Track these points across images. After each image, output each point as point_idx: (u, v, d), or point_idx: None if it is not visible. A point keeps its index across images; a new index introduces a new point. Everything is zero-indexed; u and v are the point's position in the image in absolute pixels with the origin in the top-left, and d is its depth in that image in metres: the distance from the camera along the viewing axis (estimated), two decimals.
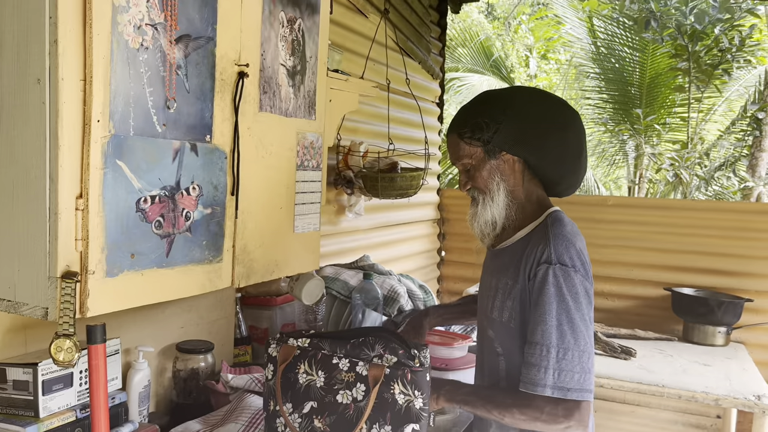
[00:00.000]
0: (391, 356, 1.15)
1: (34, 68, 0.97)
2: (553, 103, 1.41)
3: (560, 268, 1.28)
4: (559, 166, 1.40)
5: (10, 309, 1.04)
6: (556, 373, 1.23)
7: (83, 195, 1.00)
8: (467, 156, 1.41)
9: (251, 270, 1.38)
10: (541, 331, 1.26)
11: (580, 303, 1.27)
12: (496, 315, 1.40)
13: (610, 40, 8.18)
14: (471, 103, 1.45)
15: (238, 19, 1.27)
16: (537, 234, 1.36)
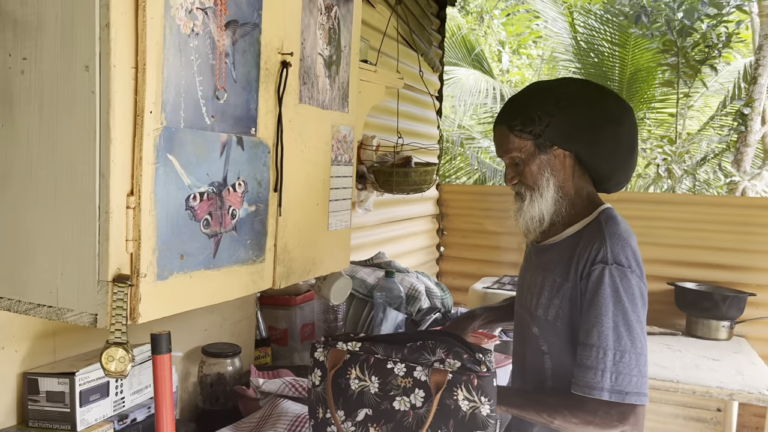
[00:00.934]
0: (455, 361, 1.10)
1: (82, 54, 0.89)
2: (607, 97, 1.36)
3: (617, 268, 1.24)
4: (611, 162, 1.36)
5: (51, 315, 0.96)
6: (613, 376, 1.19)
7: (134, 192, 0.93)
8: (516, 149, 1.36)
9: (290, 270, 1.32)
10: (597, 332, 1.22)
11: (636, 304, 1.23)
12: (541, 312, 1.35)
13: (590, 35, 8.23)
14: (522, 95, 1.40)
15: (281, 4, 1.20)
16: (590, 231, 1.32)
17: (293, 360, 1.90)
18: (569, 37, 8.60)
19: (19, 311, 0.98)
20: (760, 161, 6.27)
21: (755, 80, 5.64)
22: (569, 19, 8.61)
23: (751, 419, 3.27)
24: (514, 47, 11.97)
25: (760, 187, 5.80)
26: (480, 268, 3.68)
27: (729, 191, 5.82)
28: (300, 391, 1.45)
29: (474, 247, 3.76)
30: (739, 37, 5.77)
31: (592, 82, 1.41)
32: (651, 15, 5.04)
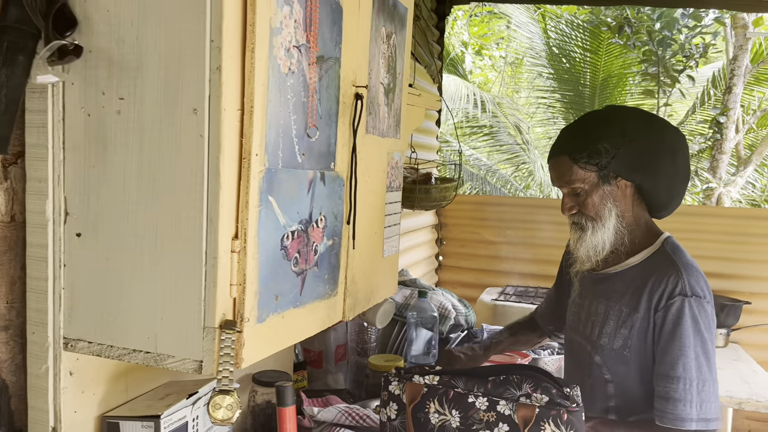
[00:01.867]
0: (542, 395, 1.11)
1: (189, 96, 0.87)
2: (664, 127, 1.39)
3: (695, 300, 1.27)
4: (670, 190, 1.39)
5: (149, 361, 0.94)
6: (698, 405, 1.23)
7: (239, 236, 0.91)
8: (580, 180, 1.37)
9: (356, 300, 1.31)
10: (682, 365, 1.25)
11: (711, 333, 1.28)
12: (605, 342, 1.37)
13: (562, 40, 8.39)
14: (582, 126, 1.41)
15: (356, 37, 1.19)
16: (659, 262, 1.35)
17: (327, 382, 1.88)
18: (542, 42, 8.74)
19: (111, 356, 0.96)
20: (734, 168, 6.48)
21: (730, 90, 5.83)
22: (542, 24, 8.75)
23: (744, 422, 3.39)
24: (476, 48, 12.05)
25: (734, 193, 5.99)
26: (478, 278, 3.72)
27: (705, 197, 6.00)
28: (357, 420, 1.44)
29: (472, 257, 3.79)
30: (715, 48, 5.95)
31: (647, 112, 1.44)
32: (634, 26, 5.16)
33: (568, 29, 8.30)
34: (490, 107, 8.29)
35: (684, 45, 5.42)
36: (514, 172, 8.98)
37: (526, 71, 9.95)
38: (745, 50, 5.77)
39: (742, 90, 5.97)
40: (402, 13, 1.43)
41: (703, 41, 5.49)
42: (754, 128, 7.12)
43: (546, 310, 1.76)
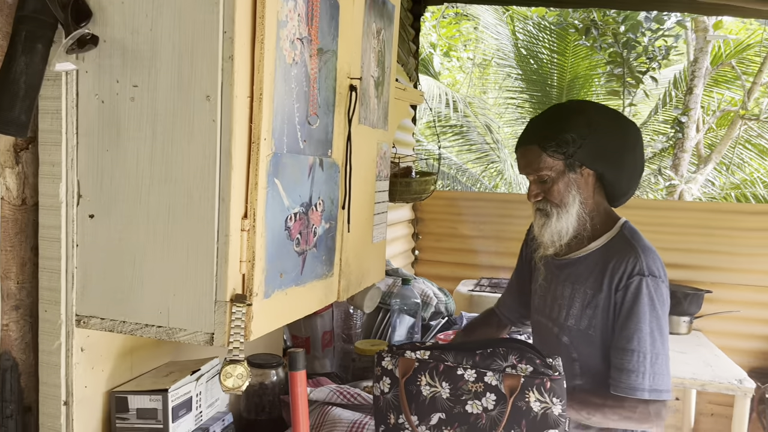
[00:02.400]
0: (527, 366, 1.19)
1: (202, 84, 0.93)
2: (626, 122, 1.49)
3: (652, 279, 1.37)
4: (629, 180, 1.49)
5: (161, 335, 0.99)
6: (651, 377, 1.32)
7: (248, 215, 0.97)
8: (547, 168, 1.45)
9: (350, 282, 1.38)
10: (637, 339, 1.34)
11: (665, 311, 1.37)
12: (572, 323, 1.46)
13: (530, 41, 8.58)
14: (551, 117, 1.50)
15: (350, 31, 1.26)
16: (619, 245, 1.44)
17: (314, 367, 1.94)
18: (510, 43, 8.91)
19: (124, 331, 1.01)
20: (695, 166, 6.72)
21: (691, 90, 6.05)
22: (510, 26, 8.92)
23: (707, 406, 3.55)
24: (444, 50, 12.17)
25: (695, 190, 6.22)
26: (454, 271, 3.81)
27: (668, 194, 6.22)
28: (348, 398, 1.50)
29: (448, 251, 3.88)
30: (677, 50, 6.17)
31: (611, 108, 1.54)
32: (600, 28, 5.33)
33: (536, 31, 8.48)
34: (461, 107, 8.42)
35: (647, 47, 5.61)
36: (484, 171, 9.13)
37: (495, 72, 10.12)
38: (705, 53, 6.00)
39: (702, 91, 6.20)
40: (390, 10, 1.51)
41: (666, 44, 5.69)
42: (714, 128, 7.39)
43: (509, 300, 1.83)
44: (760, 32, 7.07)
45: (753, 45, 7.01)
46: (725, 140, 6.60)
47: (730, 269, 3.46)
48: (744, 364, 3.30)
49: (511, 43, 8.89)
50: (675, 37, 5.72)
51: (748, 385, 2.52)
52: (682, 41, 6.38)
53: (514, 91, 9.33)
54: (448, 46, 11.73)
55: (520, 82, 9.03)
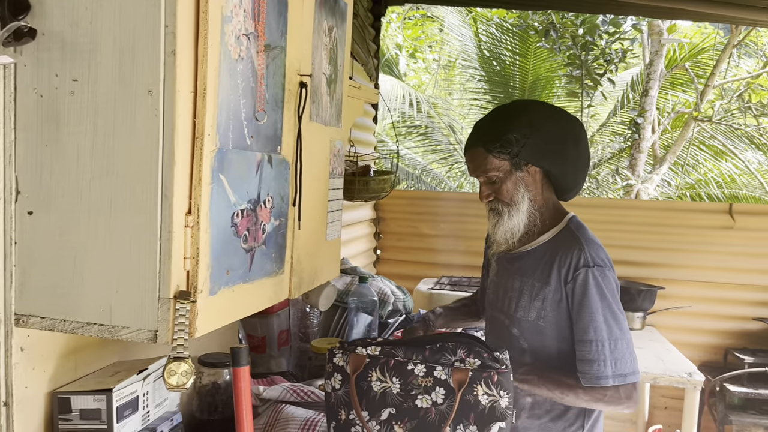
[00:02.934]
0: (475, 359, 1.21)
1: (144, 78, 0.92)
2: (567, 117, 1.53)
3: (597, 269, 1.41)
4: (575, 174, 1.53)
5: (103, 333, 0.97)
6: (612, 363, 1.36)
7: (192, 211, 0.96)
8: (494, 169, 1.49)
9: (301, 280, 1.38)
10: (593, 329, 1.38)
11: (615, 297, 1.42)
12: (521, 314, 1.49)
13: (493, 44, 8.69)
14: (493, 118, 1.53)
15: (299, 28, 1.26)
16: (565, 239, 1.48)
17: (270, 367, 1.93)
18: (473, 45, 9.01)
19: (64, 330, 0.99)
20: (651, 167, 6.89)
21: (646, 93, 6.20)
22: (474, 27, 9.02)
23: (660, 399, 3.64)
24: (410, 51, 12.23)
25: (651, 189, 6.38)
26: (415, 270, 3.83)
27: (625, 193, 6.36)
28: (302, 396, 1.50)
29: (409, 250, 3.91)
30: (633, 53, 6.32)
31: (552, 105, 1.58)
32: (559, 30, 5.43)
33: (498, 33, 8.60)
34: (425, 108, 8.48)
35: (605, 50, 5.73)
36: (448, 172, 9.21)
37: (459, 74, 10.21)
38: (660, 56, 6.16)
39: (657, 93, 6.36)
40: (342, 8, 1.51)
41: (622, 47, 5.82)
42: (669, 129, 7.59)
43: (481, 296, 1.88)
44: (713, 36, 7.30)
45: (706, 48, 7.23)
46: (679, 141, 6.79)
47: (682, 266, 3.56)
48: (694, 358, 3.40)
49: (474, 44, 8.99)
50: (631, 40, 5.87)
51: (697, 378, 2.60)
52: (638, 44, 6.53)
53: (477, 92, 9.43)
54: (413, 47, 11.79)
55: (484, 84, 9.14)
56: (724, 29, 6.95)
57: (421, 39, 11.54)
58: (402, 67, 11.50)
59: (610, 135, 8.31)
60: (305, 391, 1.51)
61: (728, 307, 3.51)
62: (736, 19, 3.75)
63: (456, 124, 9.33)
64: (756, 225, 3.48)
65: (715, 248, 3.52)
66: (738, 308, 3.50)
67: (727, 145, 7.47)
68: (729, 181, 7.78)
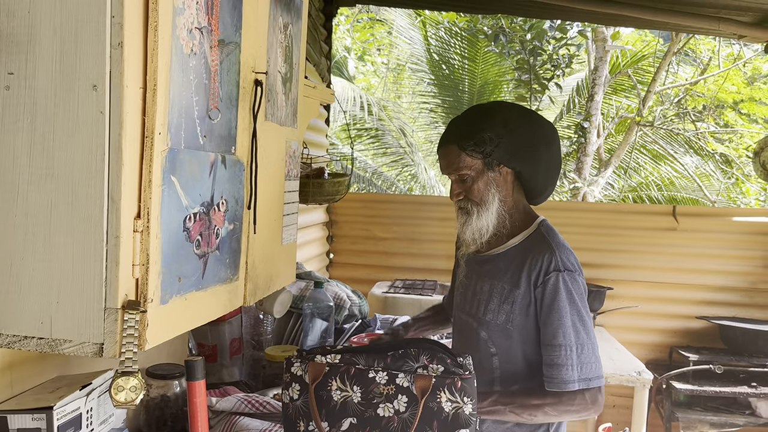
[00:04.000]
0: (438, 366, 1.18)
1: (88, 72, 0.85)
2: (540, 120, 1.53)
3: (567, 274, 1.41)
4: (546, 178, 1.53)
5: (43, 347, 0.90)
6: (579, 368, 1.36)
7: (142, 215, 0.90)
8: (467, 167, 1.47)
9: (257, 286, 1.32)
10: (561, 333, 1.38)
11: (584, 301, 1.42)
12: (490, 317, 1.48)
13: (442, 47, 8.77)
14: (469, 117, 1.51)
15: (254, 24, 1.21)
16: (536, 242, 1.47)
17: (222, 376, 1.86)
18: (423, 48, 9.06)
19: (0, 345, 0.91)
20: (596, 170, 7.06)
21: (592, 98, 6.36)
22: (423, 31, 9.07)
23: (609, 398, 3.71)
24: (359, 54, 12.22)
25: (596, 192, 6.54)
26: (369, 274, 3.80)
27: (572, 196, 6.50)
28: (257, 407, 1.44)
29: (363, 253, 3.87)
30: (578, 59, 6.47)
31: (525, 107, 1.58)
32: (508, 35, 5.50)
33: (448, 36, 8.67)
34: (375, 110, 8.46)
35: (552, 55, 5.85)
36: (399, 175, 9.22)
37: (409, 77, 10.25)
38: (604, 62, 6.32)
39: (602, 98, 6.53)
40: (298, 4, 1.46)
41: (569, 52, 5.95)
42: (613, 133, 7.81)
43: (450, 297, 1.86)
44: (653, 44, 7.55)
45: (647, 55, 7.48)
46: (623, 145, 6.99)
47: (629, 267, 3.65)
48: (642, 356, 3.48)
49: (424, 48, 9.04)
50: (577, 46, 6.00)
51: (646, 376, 2.66)
52: (584, 50, 6.70)
53: (427, 95, 9.48)
54: (362, 50, 11.76)
55: (433, 87, 9.20)
56: (664, 37, 7.21)
57: (370, 42, 11.53)
58: (351, 69, 11.47)
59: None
60: (260, 402, 1.45)
61: (673, 306, 3.62)
62: (678, 27, 3.88)
63: (406, 127, 9.36)
64: (698, 226, 3.60)
65: (660, 249, 3.62)
66: (682, 307, 3.61)
67: (666, 149, 7.75)
68: (668, 183, 8.06)
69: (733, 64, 7.34)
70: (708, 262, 3.58)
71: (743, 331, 3.26)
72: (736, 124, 8.44)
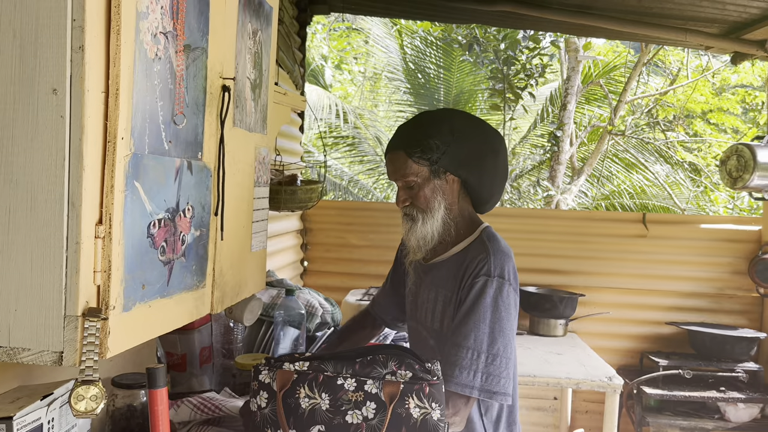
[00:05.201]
0: (406, 372, 1.18)
1: (47, 76, 0.84)
2: (488, 129, 1.54)
3: (497, 280, 1.39)
4: (491, 186, 1.53)
5: (1, 356, 0.88)
6: (483, 376, 1.33)
7: (103, 221, 0.89)
8: (413, 174, 1.47)
9: (224, 294, 1.31)
10: (474, 336, 1.35)
11: (510, 314, 1.40)
12: (437, 325, 1.48)
13: (418, 56, 8.83)
14: (416, 124, 1.52)
15: (222, 30, 1.20)
16: (475, 248, 1.47)
17: (192, 386, 1.83)
18: (399, 57, 9.11)
19: None
20: (569, 178, 7.15)
21: (565, 107, 6.45)
22: (399, 40, 9.13)
23: (582, 404, 3.75)
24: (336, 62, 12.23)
25: (570, 200, 6.62)
26: (343, 281, 3.79)
27: (546, 203, 6.57)
28: (212, 411, 1.43)
29: (337, 261, 3.86)
30: (551, 69, 6.55)
31: (474, 115, 1.59)
32: (482, 45, 5.56)
33: (423, 46, 8.74)
34: (351, 118, 8.48)
35: (525, 65, 5.92)
36: (375, 182, 9.24)
37: (384, 86, 10.30)
38: (576, 72, 6.42)
39: (574, 107, 6.63)
40: (267, 11, 1.46)
41: (542, 62, 6.03)
42: (585, 142, 7.93)
43: (382, 300, 1.86)
44: (624, 54, 7.69)
45: (619, 66, 7.61)
46: (595, 154, 7.09)
47: (600, 273, 3.70)
48: (613, 362, 3.52)
49: (400, 57, 9.09)
50: (550, 56, 6.08)
51: (617, 382, 2.69)
52: (557, 60, 6.79)
53: (403, 104, 9.53)
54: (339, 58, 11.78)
55: (409, 96, 9.26)
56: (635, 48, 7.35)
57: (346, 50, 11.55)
58: (328, 77, 11.47)
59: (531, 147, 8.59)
60: (216, 405, 1.43)
61: (643, 312, 3.67)
62: (646, 38, 3.96)
63: (383, 136, 9.39)
64: (667, 233, 3.66)
65: (631, 256, 3.68)
66: (652, 313, 3.66)
67: (638, 157, 7.88)
68: (640, 191, 8.20)
69: (701, 75, 7.51)
70: (677, 268, 3.64)
71: (711, 336, 3.32)
72: (704, 133, 8.62)
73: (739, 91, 8.51)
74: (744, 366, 3.24)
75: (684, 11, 3.10)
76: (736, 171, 3.19)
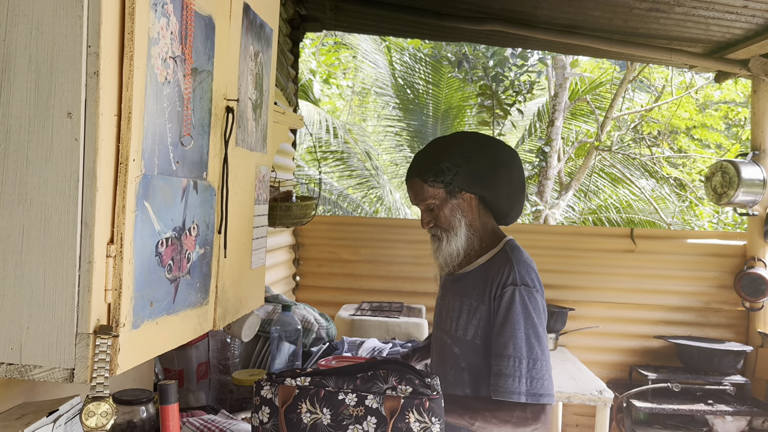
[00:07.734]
0: (406, 387, 1.21)
1: (63, 100, 0.87)
2: (498, 145, 1.59)
3: (525, 288, 1.45)
4: (509, 199, 1.58)
5: (12, 374, 0.89)
6: (528, 381, 1.40)
7: (115, 240, 0.91)
8: (431, 197, 1.55)
9: (226, 310, 1.33)
10: (512, 345, 1.42)
11: (541, 318, 1.46)
12: (461, 334, 1.53)
13: (407, 72, 8.92)
14: (428, 150, 1.59)
15: (226, 53, 1.24)
16: (499, 259, 1.53)
17: (189, 401, 1.84)
18: (388, 73, 9.19)
19: None
20: (557, 193, 7.23)
21: (552, 123, 6.54)
22: (388, 56, 9.21)
23: (572, 417, 3.78)
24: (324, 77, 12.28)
25: (558, 214, 6.69)
26: (335, 296, 3.81)
27: (534, 218, 6.64)
28: (214, 431, 1.44)
29: (329, 276, 3.88)
30: (539, 85, 6.65)
31: (482, 134, 1.65)
32: (471, 62, 5.64)
33: (412, 62, 8.83)
34: (341, 133, 8.52)
35: (513, 81, 6.01)
36: (364, 197, 9.27)
37: (374, 101, 10.37)
38: (564, 88, 6.53)
39: (562, 123, 6.72)
40: (268, 33, 1.50)
41: (530, 79, 6.12)
42: (573, 157, 8.03)
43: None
44: (610, 71, 7.82)
45: (605, 83, 7.74)
46: (582, 169, 7.18)
47: (590, 288, 3.75)
48: (602, 375, 3.57)
49: (388, 72, 9.17)
50: (538, 73, 6.18)
51: (607, 395, 2.72)
52: (544, 77, 6.90)
53: (392, 119, 9.60)
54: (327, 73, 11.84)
55: (398, 111, 9.32)
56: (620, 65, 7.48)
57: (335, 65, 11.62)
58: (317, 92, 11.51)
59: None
60: (217, 424, 1.45)
61: (632, 326, 3.72)
62: (632, 57, 4.04)
63: (372, 150, 9.44)
64: (654, 248, 3.72)
65: (619, 271, 3.73)
66: (641, 327, 3.71)
67: (624, 172, 7.99)
68: (626, 206, 8.30)
69: (685, 92, 7.65)
70: (664, 282, 3.70)
71: (699, 349, 3.37)
72: (689, 149, 8.76)
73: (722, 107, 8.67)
74: (731, 379, 3.29)
75: (669, 31, 3.19)
76: (720, 187, 3.26)
